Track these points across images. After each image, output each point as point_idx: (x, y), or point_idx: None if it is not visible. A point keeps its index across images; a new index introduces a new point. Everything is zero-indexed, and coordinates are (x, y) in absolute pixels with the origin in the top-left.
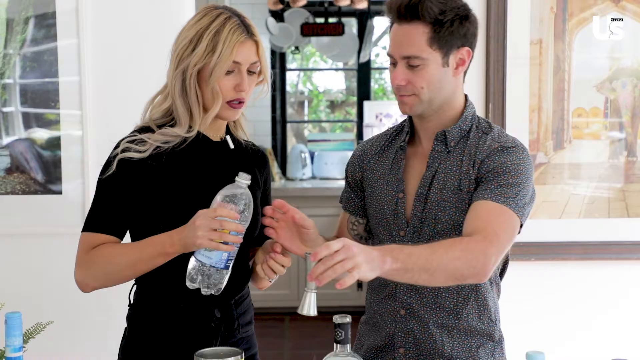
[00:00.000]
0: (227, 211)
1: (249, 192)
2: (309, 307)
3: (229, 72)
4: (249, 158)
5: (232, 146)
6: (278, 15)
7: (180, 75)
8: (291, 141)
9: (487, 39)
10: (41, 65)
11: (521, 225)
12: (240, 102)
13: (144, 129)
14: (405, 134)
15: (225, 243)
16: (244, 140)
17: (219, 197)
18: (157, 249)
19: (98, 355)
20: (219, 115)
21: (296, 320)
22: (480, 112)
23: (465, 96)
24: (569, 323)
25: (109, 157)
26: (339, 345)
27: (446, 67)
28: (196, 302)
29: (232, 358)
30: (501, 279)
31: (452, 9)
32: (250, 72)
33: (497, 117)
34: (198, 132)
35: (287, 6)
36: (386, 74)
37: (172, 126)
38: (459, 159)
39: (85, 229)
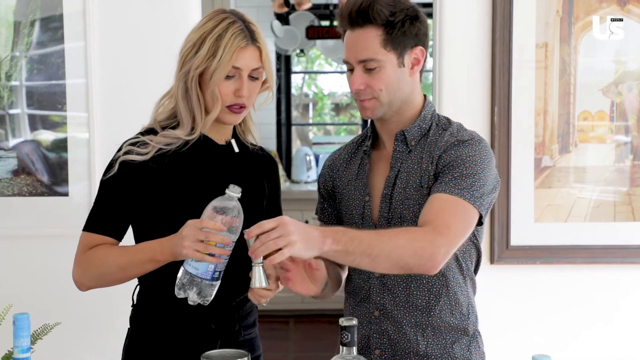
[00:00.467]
0: (213, 223)
1: (239, 205)
2: (258, 280)
3: (229, 77)
4: (254, 162)
5: (236, 150)
6: (283, 19)
7: (183, 77)
8: (296, 144)
9: (492, 42)
10: (48, 68)
11: (481, 217)
12: (242, 107)
13: (148, 131)
14: (368, 138)
15: (212, 255)
16: (251, 144)
17: (209, 208)
18: (148, 255)
19: (102, 356)
20: (220, 119)
21: (301, 322)
22: (485, 115)
23: (425, 96)
24: (574, 326)
25: (112, 159)
26: (345, 347)
27: (402, 67)
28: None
29: None
30: (475, 274)
31: (401, 10)
32: (252, 77)
33: (503, 120)
34: (201, 134)
35: (293, 9)
36: None
37: (175, 127)
38: (420, 157)
39: (85, 228)
